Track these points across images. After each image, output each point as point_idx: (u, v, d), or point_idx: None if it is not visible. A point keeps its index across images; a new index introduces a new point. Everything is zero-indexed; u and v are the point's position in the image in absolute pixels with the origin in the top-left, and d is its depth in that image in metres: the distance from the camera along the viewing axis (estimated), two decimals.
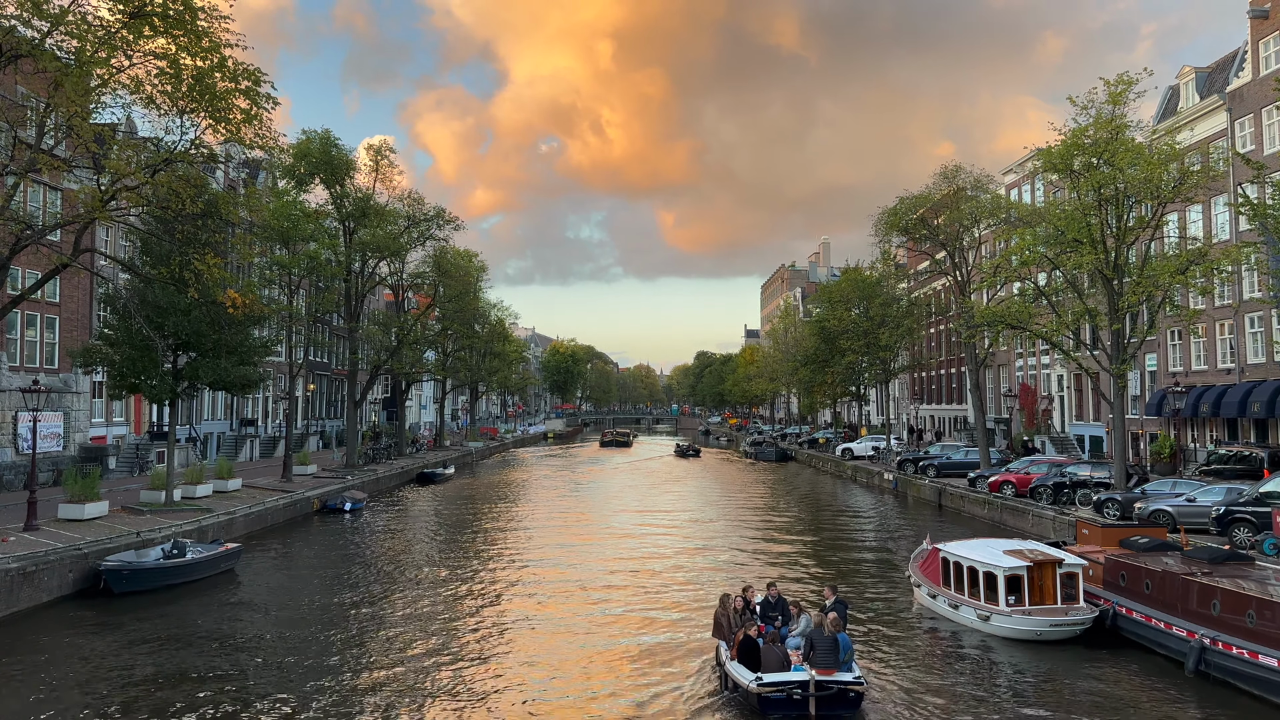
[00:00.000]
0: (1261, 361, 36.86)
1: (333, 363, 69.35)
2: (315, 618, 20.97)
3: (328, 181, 47.20)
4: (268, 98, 24.82)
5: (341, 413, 67.58)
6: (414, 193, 52.98)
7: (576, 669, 17.34)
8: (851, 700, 14.06)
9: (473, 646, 18.80)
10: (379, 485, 48.55)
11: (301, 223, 43.46)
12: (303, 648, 18.39)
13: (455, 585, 24.88)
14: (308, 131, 46.43)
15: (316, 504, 39.28)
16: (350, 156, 47.81)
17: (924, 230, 47.35)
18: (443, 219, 52.96)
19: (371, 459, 54.61)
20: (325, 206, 48.78)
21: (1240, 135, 38.25)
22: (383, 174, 49.77)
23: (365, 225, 48.85)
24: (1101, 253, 30.00)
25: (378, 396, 79.76)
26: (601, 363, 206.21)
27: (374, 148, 50.09)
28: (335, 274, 48.40)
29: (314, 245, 45.18)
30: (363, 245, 49.34)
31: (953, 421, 66.81)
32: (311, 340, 53.31)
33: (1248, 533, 24.12)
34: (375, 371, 55.02)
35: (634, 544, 32.72)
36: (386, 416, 78.82)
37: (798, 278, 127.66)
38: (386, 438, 65.75)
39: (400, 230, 51.65)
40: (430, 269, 58.63)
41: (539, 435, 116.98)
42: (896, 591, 23.97)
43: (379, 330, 56.96)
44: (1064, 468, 35.97)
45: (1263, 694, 15.02)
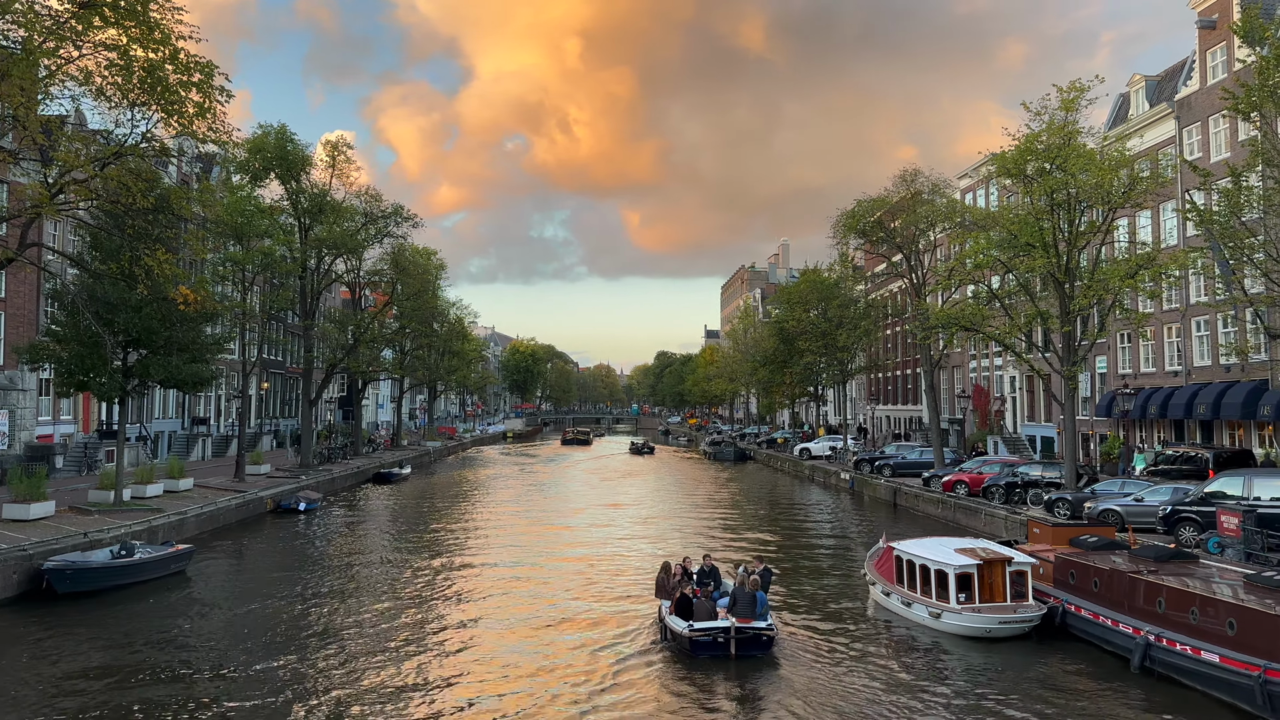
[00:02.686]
0: (1207, 364, 37.73)
1: (287, 361, 68.47)
2: (268, 619, 20.69)
3: (283, 177, 46.61)
4: (221, 91, 24.42)
5: (296, 412, 66.71)
6: (372, 189, 52.49)
7: (532, 635, 19.78)
8: (764, 643, 17.45)
9: (429, 642, 18.76)
10: (334, 485, 48.06)
11: (256, 218, 42.85)
12: (255, 650, 18.14)
13: (411, 584, 24.72)
14: (264, 126, 45.87)
15: (270, 504, 38.77)
16: (307, 152, 47.25)
17: (881, 233, 47.92)
18: (401, 216, 52.55)
19: (327, 459, 54.04)
20: (281, 202, 48.15)
21: (1188, 143, 39.12)
22: (340, 170, 49.24)
23: (321, 221, 48.31)
24: (1053, 257, 30.53)
25: (333, 395, 78.87)
26: (562, 362, 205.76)
27: (331, 143, 49.58)
28: (290, 271, 47.83)
29: (269, 241, 44.55)
30: (319, 242, 48.79)
31: (908, 422, 67.61)
32: (266, 338, 52.63)
33: (1193, 531, 24.66)
34: (331, 370, 54.43)
35: (591, 537, 33.58)
36: (342, 416, 78.02)
37: (757, 279, 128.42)
38: (342, 437, 65.08)
39: (357, 227, 51.15)
40: (388, 266, 58.16)
41: (498, 435, 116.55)
42: (852, 590, 24.23)
43: (335, 328, 56.36)
44: (1016, 468, 36.57)
45: (1204, 689, 15.39)
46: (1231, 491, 24.37)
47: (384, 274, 58.59)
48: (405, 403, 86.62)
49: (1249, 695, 14.41)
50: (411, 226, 53.79)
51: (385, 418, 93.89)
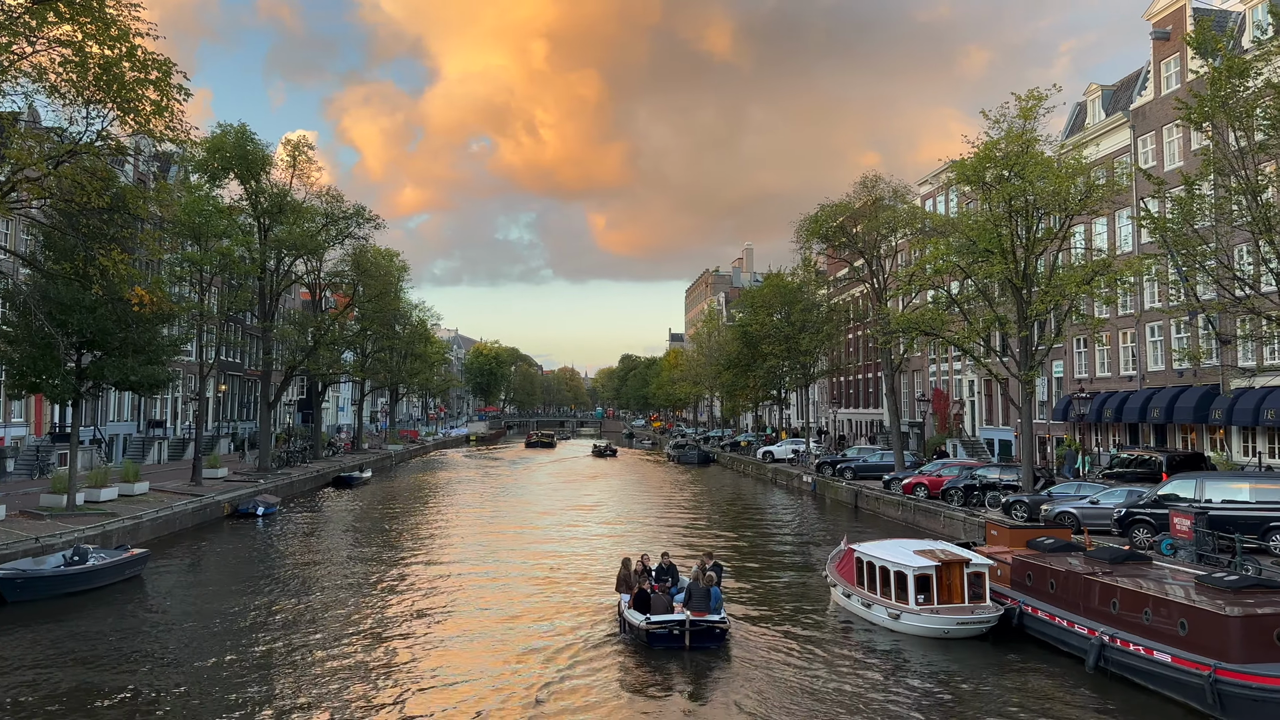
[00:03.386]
0: (1161, 369, 38.47)
1: (246, 363, 67.58)
2: (225, 626, 20.38)
3: (243, 177, 46.02)
4: (180, 89, 24.06)
5: (254, 415, 65.82)
6: (333, 190, 51.95)
7: (495, 628, 20.65)
8: (717, 635, 18.39)
9: (390, 641, 18.69)
10: (293, 489, 47.51)
11: (214, 219, 42.28)
12: (212, 656, 17.85)
13: (371, 587, 24.50)
14: (223, 125, 45.24)
15: (227, 508, 38.23)
16: (267, 152, 46.68)
17: (843, 238, 48.34)
18: (363, 217, 52.06)
19: (285, 462, 53.39)
20: (240, 202, 47.52)
21: (1143, 151, 39.89)
22: (301, 170, 48.69)
23: (281, 222, 47.77)
24: (1011, 263, 30.96)
25: (293, 398, 77.99)
26: (526, 365, 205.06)
27: (292, 143, 49.04)
28: (249, 272, 47.23)
29: (227, 242, 43.95)
30: (278, 242, 48.24)
31: (870, 424, 68.20)
32: (223, 340, 51.88)
33: (1147, 533, 25.11)
34: (290, 372, 53.79)
35: (556, 538, 33.94)
36: (302, 419, 77.14)
37: (721, 283, 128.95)
38: (301, 440, 64.31)
39: (318, 228, 50.60)
40: (349, 268, 57.61)
41: (461, 438, 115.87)
42: (813, 591, 24.39)
43: (294, 330, 55.68)
44: (974, 470, 37.01)
45: (1156, 688, 15.67)
46: (1184, 494, 24.84)
47: (345, 275, 58.02)
48: (366, 406, 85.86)
49: (1199, 694, 14.70)
50: (373, 228, 53.35)
51: (346, 421, 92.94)
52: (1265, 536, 22.93)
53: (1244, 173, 21.62)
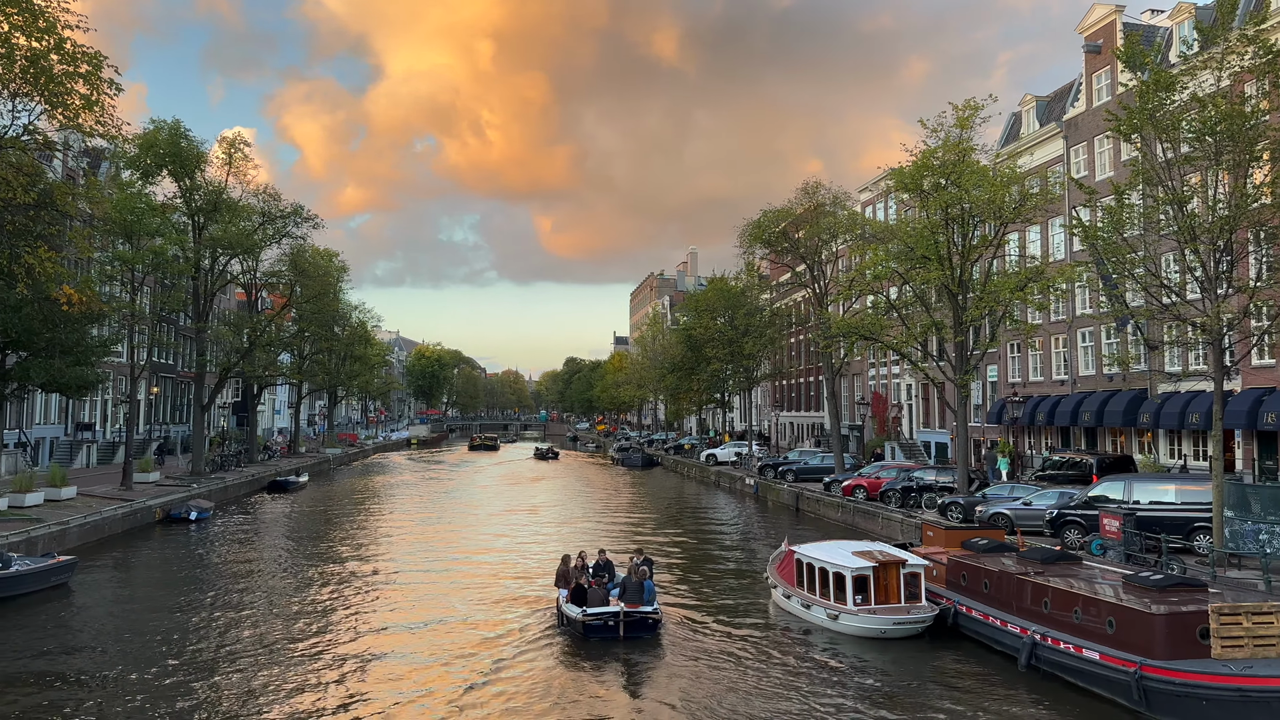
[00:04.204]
0: (1092, 374, 39.50)
1: (179, 364, 65.98)
2: (156, 633, 19.85)
3: (176, 174, 44.99)
4: (111, 83, 23.50)
5: (188, 417, 64.26)
6: (271, 188, 51.06)
7: (437, 623, 21.28)
8: (650, 625, 19.36)
9: (327, 642, 18.43)
10: (227, 494, 46.53)
11: (146, 216, 41.25)
12: (141, 665, 17.38)
13: (308, 591, 24.11)
14: (156, 121, 44.17)
15: (159, 513, 37.30)
16: (202, 149, 45.72)
17: (786, 243, 48.86)
18: (301, 216, 51.23)
19: (220, 466, 52.33)
20: (174, 200, 46.45)
21: (1075, 161, 40.94)
22: (237, 167, 47.76)
23: (216, 220, 46.84)
24: (948, 269, 31.55)
25: (228, 401, 76.32)
26: (469, 368, 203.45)
27: (228, 140, 48.11)
28: (182, 271, 46.22)
29: (160, 240, 42.90)
30: (213, 241, 47.28)
31: (811, 428, 68.95)
32: (156, 340, 50.61)
33: (1078, 534, 25.74)
34: (225, 374, 52.70)
35: (497, 540, 34.15)
36: (237, 422, 75.54)
37: (666, 286, 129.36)
38: (236, 444, 63.05)
39: (254, 227, 49.71)
40: (286, 268, 56.68)
41: (402, 441, 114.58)
42: (754, 592, 24.58)
43: (230, 331, 54.55)
44: (911, 473, 37.63)
45: (1086, 685, 16.07)
46: (1113, 495, 25.54)
47: (282, 275, 57.07)
48: (304, 409, 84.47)
49: (1126, 691, 15.11)
50: (312, 227, 52.56)
51: (282, 424, 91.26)
52: (1190, 536, 23.67)
53: (1170, 183, 22.27)
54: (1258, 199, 21.48)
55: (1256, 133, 21.19)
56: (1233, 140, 21.14)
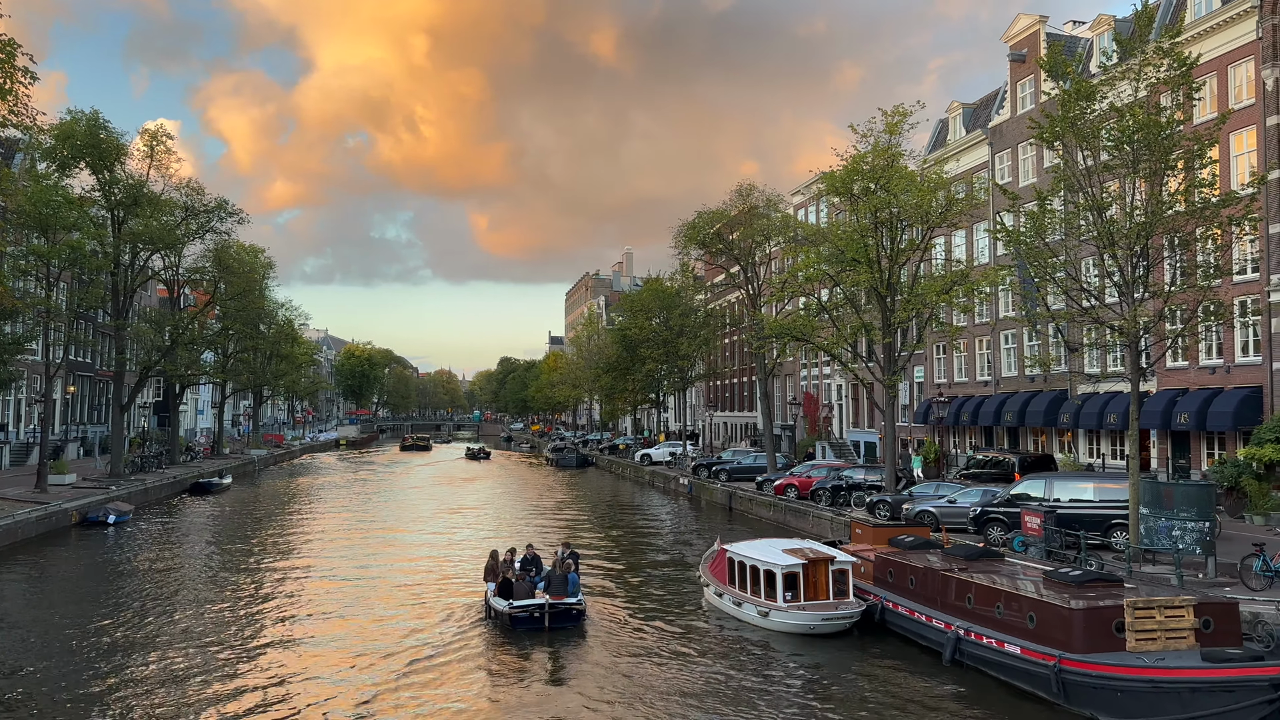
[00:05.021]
0: (1014, 375, 40.54)
1: (97, 363, 63.84)
2: (71, 640, 19.16)
3: (95, 166, 43.52)
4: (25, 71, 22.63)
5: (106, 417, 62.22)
6: (194, 181, 49.68)
7: (365, 619, 21.68)
8: (574, 616, 20.18)
9: (251, 646, 18.08)
10: (147, 496, 45.15)
11: (63, 210, 39.74)
12: (54, 679, 16.75)
13: (231, 595, 23.51)
14: (74, 112, 42.65)
15: (75, 516, 36.03)
16: (122, 141, 44.33)
17: (720, 245, 49.19)
18: (225, 211, 49.97)
19: (140, 468, 50.80)
20: (92, 193, 44.93)
21: (999, 168, 41.97)
22: (159, 160, 46.47)
23: (137, 215, 45.42)
24: (876, 272, 32.07)
25: (148, 400, 74.16)
26: (401, 367, 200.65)
27: (150, 132, 46.73)
28: (101, 266, 44.76)
29: (77, 235, 41.44)
30: (133, 236, 45.83)
31: (744, 427, 69.52)
32: (72, 338, 48.97)
33: (1000, 531, 26.32)
34: (145, 373, 51.18)
35: (427, 539, 33.93)
36: (158, 422, 73.40)
37: (601, 286, 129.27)
38: (157, 445, 61.30)
39: (177, 221, 48.34)
40: (210, 264, 55.27)
41: (330, 442, 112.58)
42: (687, 591, 24.66)
43: (150, 329, 52.96)
44: (841, 472, 38.16)
45: (1007, 679, 16.44)
46: (1034, 493, 26.18)
47: (206, 272, 55.65)
48: (228, 409, 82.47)
49: (1046, 684, 15.49)
50: (237, 222, 51.27)
51: (206, 425, 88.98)
52: (1107, 533, 24.38)
53: (1090, 190, 22.93)
54: (1172, 206, 22.22)
55: (1171, 142, 21.91)
56: (1149, 149, 21.84)
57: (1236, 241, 25.49)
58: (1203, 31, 30.88)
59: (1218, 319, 23.67)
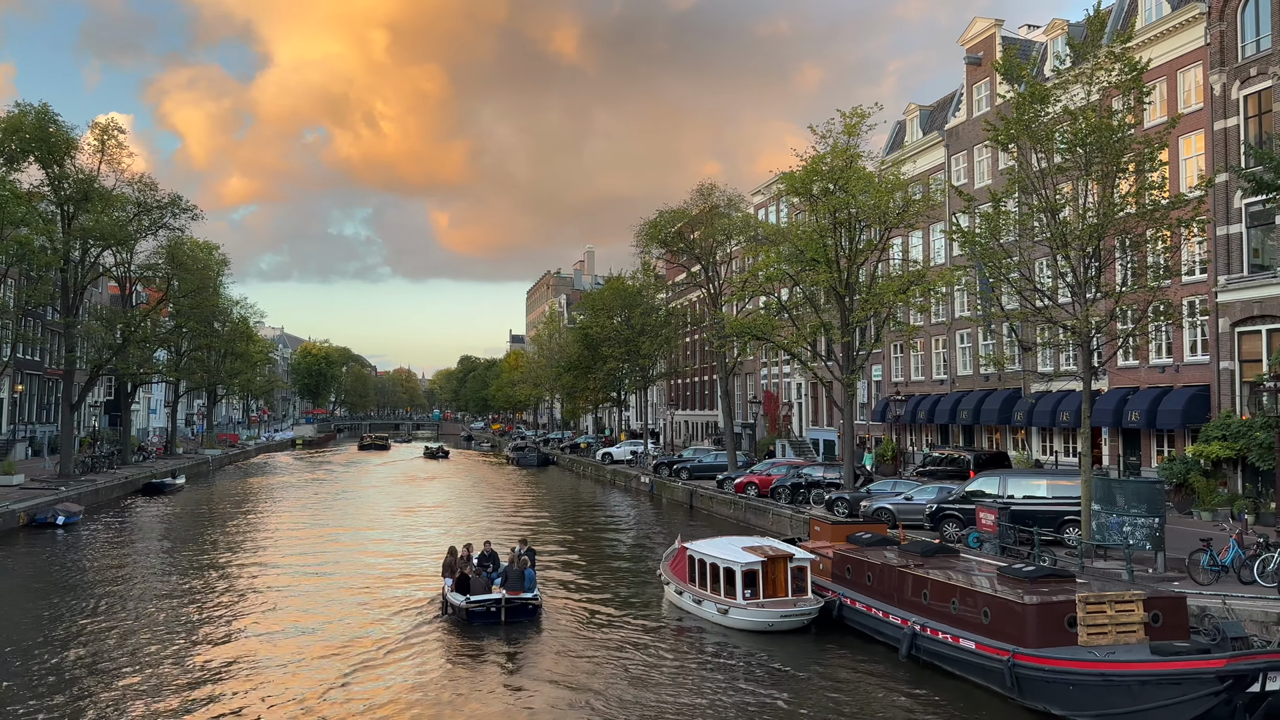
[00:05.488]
0: (969, 374, 41.07)
1: (46, 361, 62.44)
2: (18, 644, 18.72)
3: (44, 160, 42.59)
4: None
5: (56, 417, 60.90)
6: (147, 177, 48.74)
7: (325, 615, 21.93)
8: (530, 611, 20.59)
9: (202, 659, 17.65)
10: (98, 497, 44.26)
11: (10, 205, 38.79)
12: (3, 677, 16.38)
13: (184, 599, 23.13)
14: (21, 104, 41.70)
15: (23, 518, 35.28)
16: (72, 134, 43.45)
17: (681, 243, 49.36)
18: (179, 207, 49.12)
19: (90, 468, 49.83)
20: (41, 188, 43.97)
21: (956, 169, 42.49)
22: (111, 155, 45.60)
23: (88, 210, 44.50)
24: (835, 272, 32.33)
25: (99, 399, 72.65)
26: (358, 366, 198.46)
27: (101, 126, 45.83)
28: (50, 263, 43.77)
29: (25, 230, 40.49)
30: (84, 232, 44.92)
31: (705, 426, 69.74)
32: (20, 336, 47.83)
33: (956, 527, 26.65)
34: (96, 372, 50.19)
35: (385, 538, 33.95)
36: (109, 421, 71.95)
37: (563, 285, 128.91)
38: (108, 444, 60.12)
39: (129, 217, 47.43)
40: (163, 261, 54.29)
41: (287, 442, 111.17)
42: (648, 590, 24.70)
43: (101, 326, 51.95)
44: (801, 470, 38.40)
45: (962, 674, 16.66)
46: (989, 490, 26.54)
47: (159, 269, 54.65)
48: (181, 408, 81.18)
49: (1000, 678, 15.71)
50: (191, 218, 50.44)
51: (159, 424, 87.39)
52: (1060, 529, 24.76)
53: (1044, 192, 23.30)
54: (1124, 208, 22.63)
55: (1123, 145, 22.32)
56: (1101, 152, 22.22)
57: (1185, 243, 26.05)
58: (1153, 37, 31.50)
59: (1167, 319, 24.15)
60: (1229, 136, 28.78)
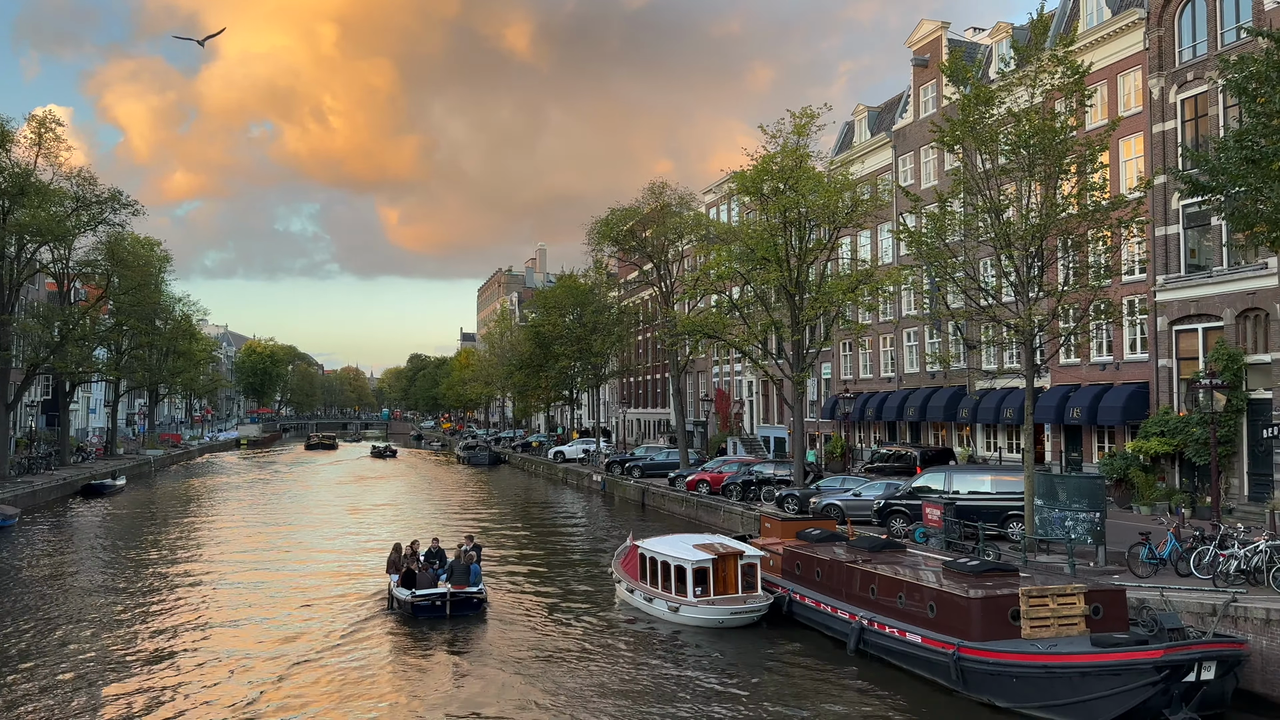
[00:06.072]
0: (916, 371, 41.62)
1: None
2: None
3: None
4: None
5: None
6: (86, 171, 47.49)
7: (264, 613, 22.18)
8: (475, 604, 21.08)
9: (142, 661, 17.31)
10: (35, 499, 43.08)
11: None
12: None
13: (123, 603, 22.59)
14: None
15: None
16: (8, 127, 42.22)
17: (633, 242, 49.39)
18: (119, 202, 47.96)
19: (27, 469, 48.56)
20: None
21: (903, 170, 43.01)
22: (47, 148, 44.46)
23: (23, 205, 43.31)
24: (785, 270, 32.55)
25: (36, 399, 70.65)
26: (305, 364, 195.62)
27: (38, 119, 44.63)
28: None
29: None
30: (19, 227, 43.72)
31: (657, 424, 69.85)
32: None
33: (903, 523, 26.96)
34: (33, 370, 48.85)
35: (332, 538, 33.62)
36: (47, 421, 69.98)
37: (514, 282, 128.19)
38: (46, 445, 58.59)
39: (66, 212, 46.22)
40: (103, 257, 52.98)
41: (231, 441, 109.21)
42: (599, 588, 24.66)
43: (38, 324, 50.52)
44: (751, 467, 38.60)
45: (909, 668, 16.88)
46: (935, 486, 26.87)
47: (98, 265, 53.38)
48: (122, 407, 79.34)
49: (945, 672, 15.94)
50: (132, 214, 49.35)
51: (98, 424, 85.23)
52: (1004, 524, 25.17)
53: (988, 193, 23.68)
54: (1066, 209, 23.07)
55: (1065, 147, 22.75)
56: (1044, 153, 22.63)
57: (1125, 243, 26.64)
58: (1094, 41, 32.16)
59: (1108, 318, 24.68)
60: (1167, 139, 29.49)
